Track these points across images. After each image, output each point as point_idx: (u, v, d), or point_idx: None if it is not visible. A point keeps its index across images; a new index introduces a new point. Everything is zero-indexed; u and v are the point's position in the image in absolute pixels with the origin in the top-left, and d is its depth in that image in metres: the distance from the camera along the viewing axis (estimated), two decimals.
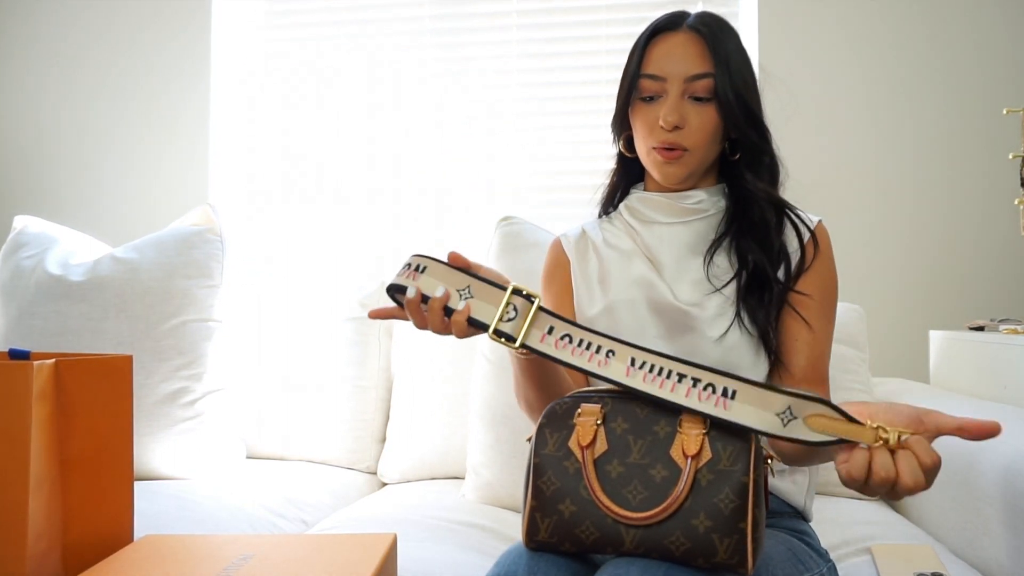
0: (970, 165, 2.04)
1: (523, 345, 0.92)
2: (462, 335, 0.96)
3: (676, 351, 1.08)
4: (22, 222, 1.83)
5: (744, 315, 1.09)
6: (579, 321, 1.20)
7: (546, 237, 1.63)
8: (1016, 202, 1.73)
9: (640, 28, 2.39)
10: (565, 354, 0.92)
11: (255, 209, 2.40)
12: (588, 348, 0.91)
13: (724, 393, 0.84)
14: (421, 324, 0.98)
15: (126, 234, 2.10)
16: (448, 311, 0.95)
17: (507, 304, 0.93)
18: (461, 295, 0.95)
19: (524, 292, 0.93)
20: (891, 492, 0.76)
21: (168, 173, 2.38)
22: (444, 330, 0.96)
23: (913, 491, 0.75)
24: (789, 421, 0.81)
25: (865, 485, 0.77)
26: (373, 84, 2.34)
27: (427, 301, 0.96)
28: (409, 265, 0.99)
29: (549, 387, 1.09)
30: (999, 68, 2.03)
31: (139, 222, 2.34)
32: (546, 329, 0.93)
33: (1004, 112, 1.80)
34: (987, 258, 2.03)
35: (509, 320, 0.93)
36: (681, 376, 0.86)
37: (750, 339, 1.09)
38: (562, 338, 0.92)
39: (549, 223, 1.72)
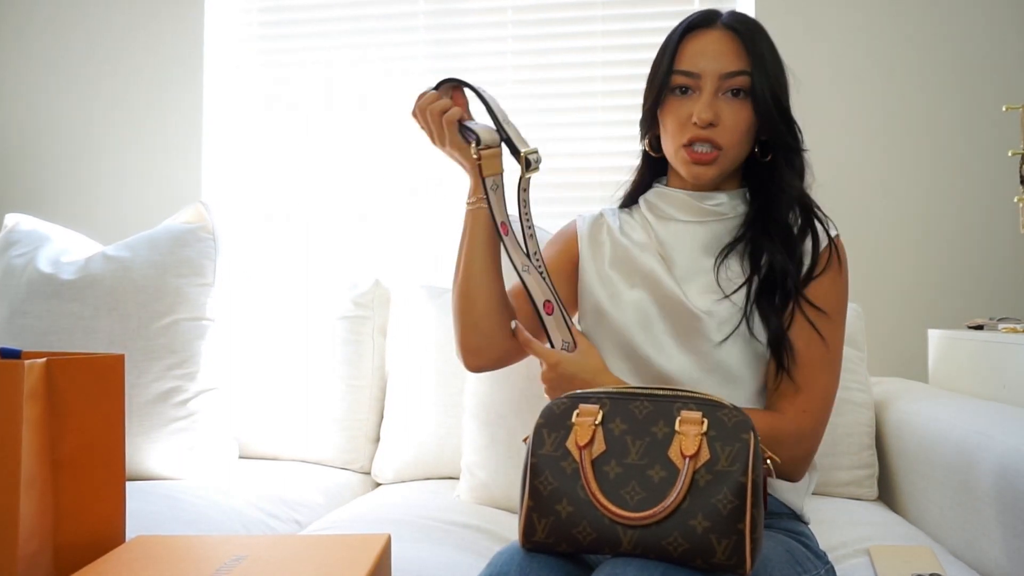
0: (969, 162, 2.04)
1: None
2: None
3: (683, 351, 1.11)
4: (13, 220, 1.82)
5: (754, 321, 1.09)
6: (586, 306, 1.22)
7: (541, 235, 1.62)
8: (1015, 200, 1.72)
9: (637, 25, 2.38)
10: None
11: (248, 207, 2.38)
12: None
13: None
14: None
15: (118, 232, 2.08)
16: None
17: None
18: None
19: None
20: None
21: (161, 170, 2.37)
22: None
23: None
24: None
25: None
26: (366, 82, 2.33)
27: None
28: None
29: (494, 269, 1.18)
30: (998, 65, 2.03)
31: (131, 220, 2.33)
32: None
33: (1003, 109, 1.80)
34: (986, 256, 2.02)
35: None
36: None
37: (750, 348, 1.10)
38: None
39: (544, 221, 1.71)
